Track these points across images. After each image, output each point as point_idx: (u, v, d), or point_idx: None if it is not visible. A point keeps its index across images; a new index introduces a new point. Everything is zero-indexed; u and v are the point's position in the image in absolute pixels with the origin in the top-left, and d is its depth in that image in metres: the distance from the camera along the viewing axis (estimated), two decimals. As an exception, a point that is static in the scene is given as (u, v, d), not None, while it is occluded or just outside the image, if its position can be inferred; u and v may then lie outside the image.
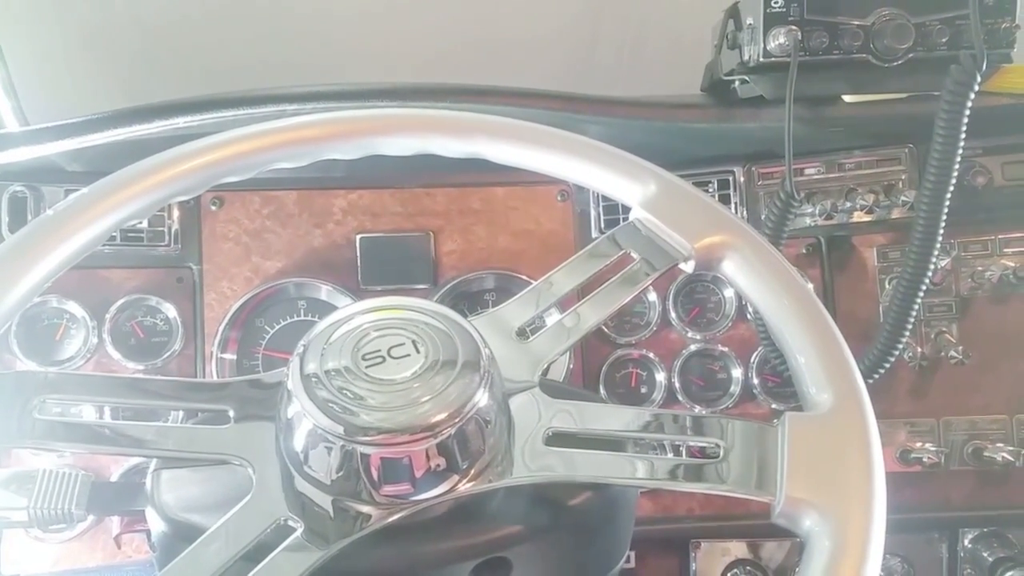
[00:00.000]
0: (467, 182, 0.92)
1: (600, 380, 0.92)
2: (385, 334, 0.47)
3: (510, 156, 0.60)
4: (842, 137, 0.87)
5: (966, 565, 0.91)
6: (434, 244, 0.91)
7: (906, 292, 0.75)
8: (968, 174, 0.85)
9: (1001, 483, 0.88)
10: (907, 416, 0.89)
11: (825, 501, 0.42)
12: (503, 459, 0.47)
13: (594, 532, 0.57)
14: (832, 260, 0.90)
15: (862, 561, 0.41)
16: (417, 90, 0.84)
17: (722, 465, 0.45)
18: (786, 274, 0.53)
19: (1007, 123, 0.85)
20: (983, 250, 0.88)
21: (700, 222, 0.54)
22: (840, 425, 0.45)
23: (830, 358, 0.48)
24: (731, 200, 0.90)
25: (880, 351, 0.77)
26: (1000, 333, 0.88)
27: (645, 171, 0.58)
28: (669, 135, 0.88)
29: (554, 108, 0.87)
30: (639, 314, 0.93)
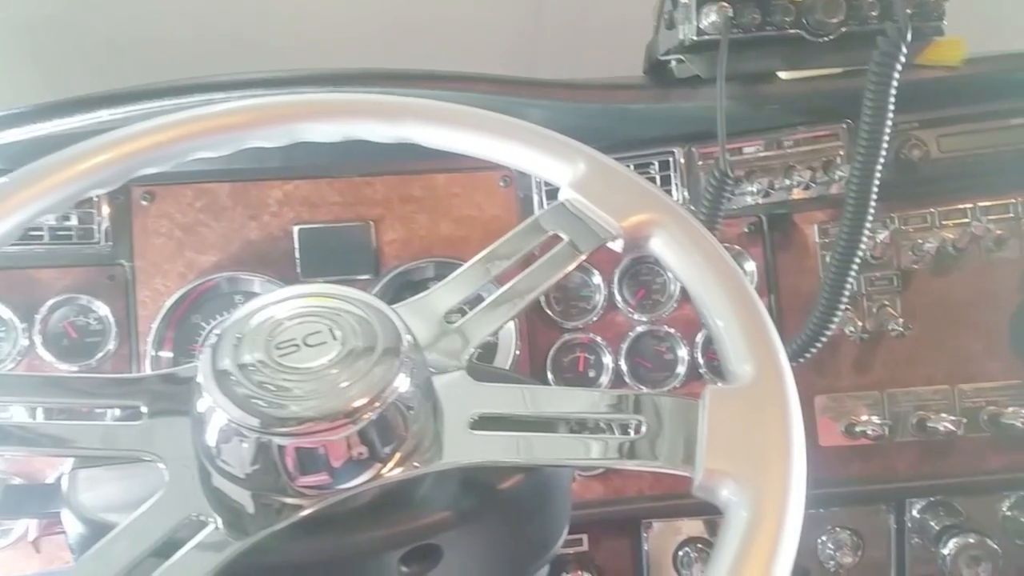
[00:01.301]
0: (407, 169, 0.90)
1: (548, 365, 0.92)
2: (301, 322, 0.46)
3: (439, 139, 0.60)
4: (779, 114, 0.87)
5: (913, 535, 0.93)
6: (375, 233, 0.89)
7: (839, 266, 0.75)
8: (904, 147, 0.85)
9: (945, 453, 0.89)
10: (852, 390, 0.90)
11: (742, 471, 0.42)
12: (430, 445, 0.46)
13: (527, 515, 0.57)
14: (774, 238, 0.91)
15: (779, 530, 0.40)
16: (349, 76, 0.83)
17: (651, 442, 0.45)
18: (711, 249, 0.53)
19: (941, 96, 0.86)
20: (922, 223, 0.89)
21: (627, 201, 0.54)
22: (760, 397, 0.45)
23: (751, 331, 0.48)
24: (672, 181, 0.90)
25: (816, 326, 0.78)
26: (941, 305, 0.89)
27: (574, 151, 0.58)
28: (608, 117, 0.88)
29: (491, 92, 0.86)
30: (585, 298, 0.93)
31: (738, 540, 0.40)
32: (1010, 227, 0.88)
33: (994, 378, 0.89)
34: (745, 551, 0.40)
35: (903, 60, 0.67)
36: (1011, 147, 0.86)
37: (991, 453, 0.89)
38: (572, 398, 0.51)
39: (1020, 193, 0.88)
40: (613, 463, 0.46)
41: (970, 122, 0.86)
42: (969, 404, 0.89)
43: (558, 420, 0.49)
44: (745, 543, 0.40)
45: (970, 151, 0.86)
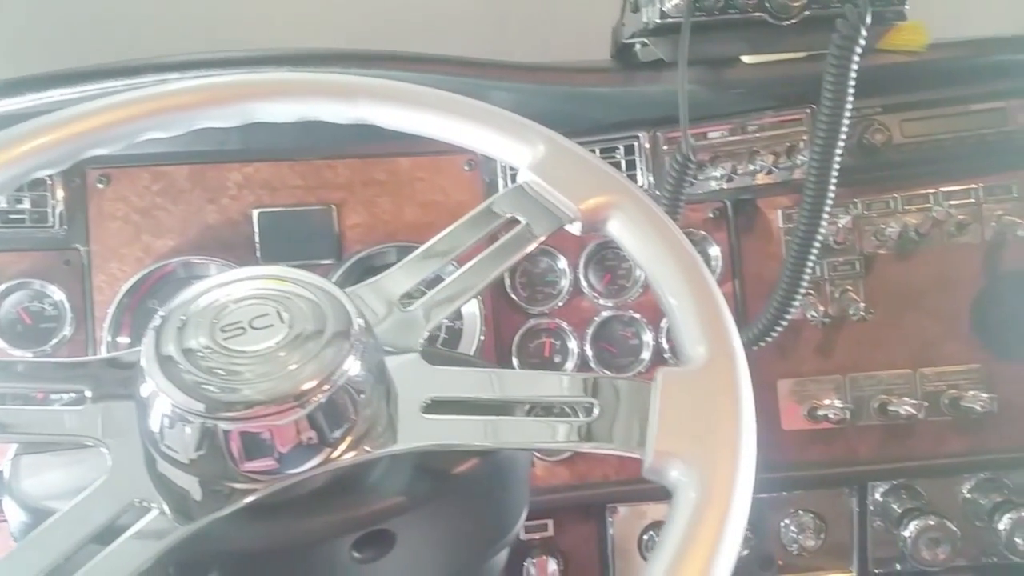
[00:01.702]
0: (370, 153, 0.89)
1: (513, 351, 0.91)
2: (247, 305, 0.45)
3: (397, 120, 0.59)
4: (743, 99, 0.87)
5: (876, 518, 0.94)
6: (337, 218, 0.88)
7: (799, 251, 0.75)
8: (867, 132, 0.86)
9: (907, 436, 0.90)
10: (814, 374, 0.90)
11: (691, 453, 0.42)
12: (383, 429, 0.46)
13: (483, 500, 0.57)
14: (738, 223, 0.91)
15: (726, 510, 0.40)
16: (308, 56, 0.81)
17: (607, 425, 0.45)
18: (668, 232, 0.53)
19: (904, 81, 0.86)
20: (885, 208, 0.89)
21: (585, 183, 0.53)
22: (712, 379, 0.45)
23: (705, 313, 0.48)
24: (637, 166, 0.89)
25: (776, 310, 0.78)
26: (903, 290, 0.90)
27: (534, 133, 0.58)
28: (573, 101, 0.87)
29: (455, 74, 0.85)
30: (551, 283, 0.92)
31: (685, 521, 0.40)
32: (971, 212, 0.88)
33: (955, 362, 0.89)
34: (692, 531, 0.40)
35: (862, 44, 0.67)
36: (973, 132, 0.86)
37: (952, 436, 0.90)
38: (529, 382, 0.50)
39: (982, 178, 0.88)
40: (569, 446, 0.46)
41: (933, 107, 0.87)
42: (930, 388, 0.89)
43: (514, 404, 0.49)
44: (693, 524, 0.40)
45: (932, 136, 0.86)
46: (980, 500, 0.92)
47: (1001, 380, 0.89)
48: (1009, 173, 0.88)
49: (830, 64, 0.69)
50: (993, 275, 0.88)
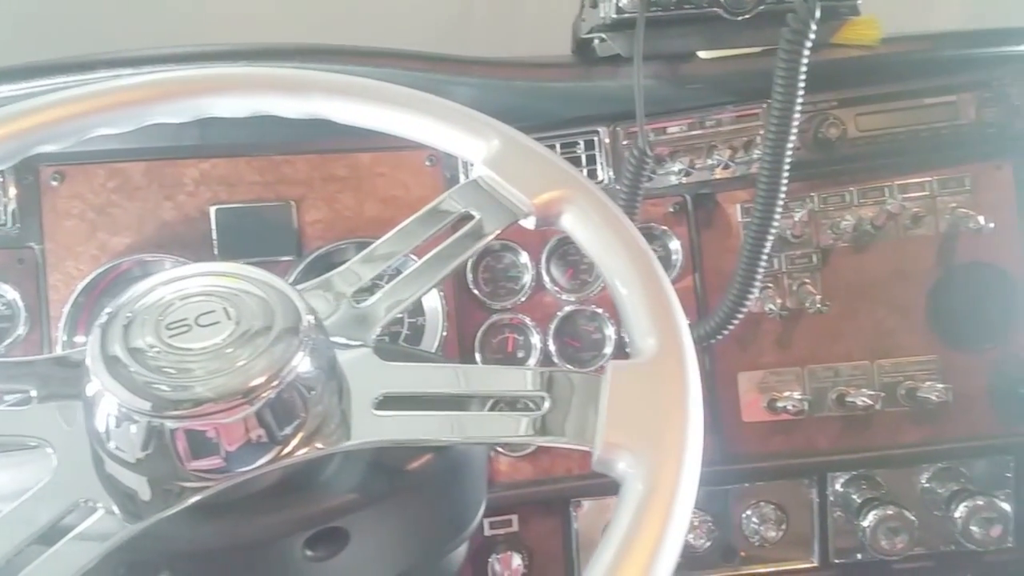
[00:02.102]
0: (329, 148, 0.89)
1: (476, 346, 0.91)
2: (193, 302, 0.45)
3: (350, 115, 0.59)
4: (701, 94, 0.87)
5: (836, 508, 0.95)
6: (296, 214, 0.88)
7: (753, 245, 0.76)
8: (822, 126, 0.86)
9: (864, 427, 0.91)
10: (774, 367, 0.91)
11: (638, 444, 0.42)
12: (336, 426, 0.46)
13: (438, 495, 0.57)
14: (698, 218, 0.91)
15: (672, 501, 0.41)
16: (265, 51, 0.81)
17: (560, 418, 0.45)
18: (620, 226, 0.53)
19: (859, 75, 0.87)
20: (841, 202, 0.90)
21: (539, 178, 0.54)
22: (660, 371, 0.46)
23: (655, 306, 0.49)
24: (597, 160, 0.90)
25: (732, 304, 0.78)
26: (860, 282, 0.91)
27: (488, 128, 0.58)
28: (533, 96, 0.88)
29: (414, 69, 0.85)
30: (513, 279, 0.93)
31: (632, 511, 0.40)
32: (926, 205, 0.89)
33: (911, 353, 0.91)
34: (639, 522, 0.40)
35: (812, 38, 0.68)
36: (927, 126, 0.88)
37: (908, 426, 0.91)
38: (483, 376, 0.50)
39: (936, 172, 0.90)
40: (524, 440, 0.46)
41: (887, 101, 0.88)
42: (887, 379, 0.91)
43: (468, 399, 0.49)
44: (639, 514, 0.40)
45: (887, 130, 0.88)
46: (938, 489, 0.94)
47: (956, 371, 0.90)
48: (962, 166, 0.89)
49: (780, 59, 0.69)
50: (948, 267, 0.90)
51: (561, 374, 0.47)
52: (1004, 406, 0.90)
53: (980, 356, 0.90)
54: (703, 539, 0.93)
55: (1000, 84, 0.88)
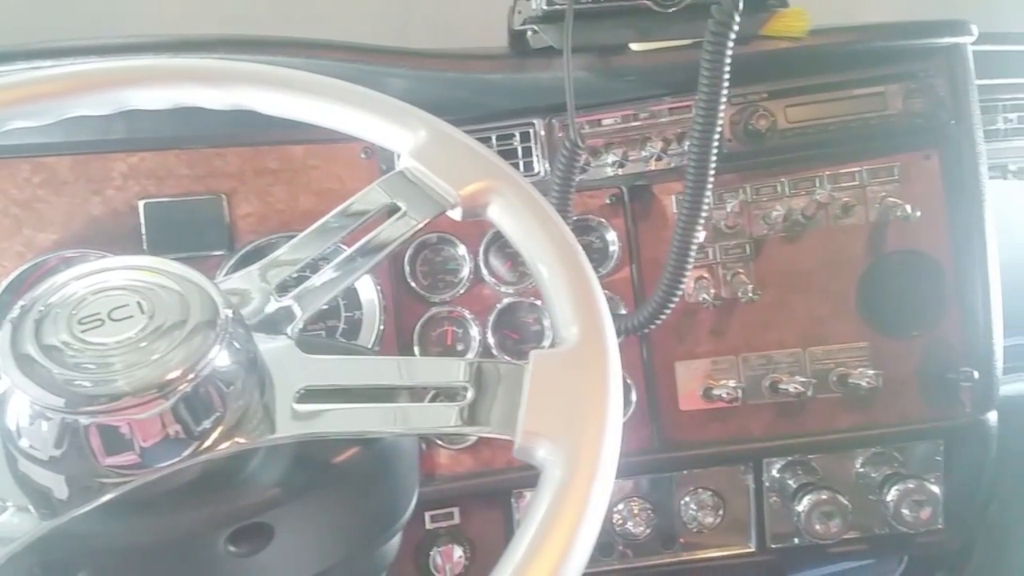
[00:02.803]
0: (261, 140, 0.88)
1: (414, 340, 0.91)
2: (107, 296, 0.45)
3: (276, 106, 0.59)
4: (634, 86, 0.88)
5: (772, 493, 0.96)
6: (228, 207, 0.87)
7: (683, 235, 0.77)
8: (752, 118, 0.87)
9: (798, 413, 0.93)
10: (709, 355, 0.92)
11: (557, 432, 0.43)
12: (258, 420, 0.46)
13: (365, 489, 0.57)
14: (635, 209, 0.92)
15: (589, 488, 0.41)
16: (193, 43, 0.80)
17: (486, 408, 0.45)
18: (545, 217, 0.53)
19: (788, 67, 0.88)
20: (773, 192, 0.91)
21: (466, 169, 0.54)
22: (581, 359, 0.46)
23: (578, 295, 0.49)
24: (533, 152, 0.90)
25: (663, 294, 0.79)
26: (793, 271, 0.92)
27: (414, 119, 0.58)
28: (467, 88, 0.87)
29: (347, 60, 0.85)
30: (452, 271, 0.92)
31: (549, 498, 0.41)
32: (856, 195, 0.91)
33: (842, 340, 0.92)
34: (556, 508, 0.40)
35: (735, 31, 0.68)
36: (856, 117, 0.89)
37: (841, 412, 0.93)
38: (409, 368, 0.50)
39: (865, 161, 0.91)
40: (449, 430, 0.46)
41: (816, 92, 0.89)
42: (819, 366, 0.92)
43: (393, 390, 0.49)
44: (557, 501, 0.41)
45: (816, 121, 0.89)
46: (872, 474, 0.95)
47: (886, 357, 0.92)
48: (891, 156, 0.91)
49: (705, 51, 0.70)
50: (877, 255, 0.91)
51: (490, 364, 0.47)
52: (933, 391, 0.93)
53: (910, 343, 0.92)
54: (642, 526, 0.94)
55: (926, 75, 0.89)
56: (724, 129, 0.88)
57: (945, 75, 0.90)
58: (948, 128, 0.90)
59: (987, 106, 1.03)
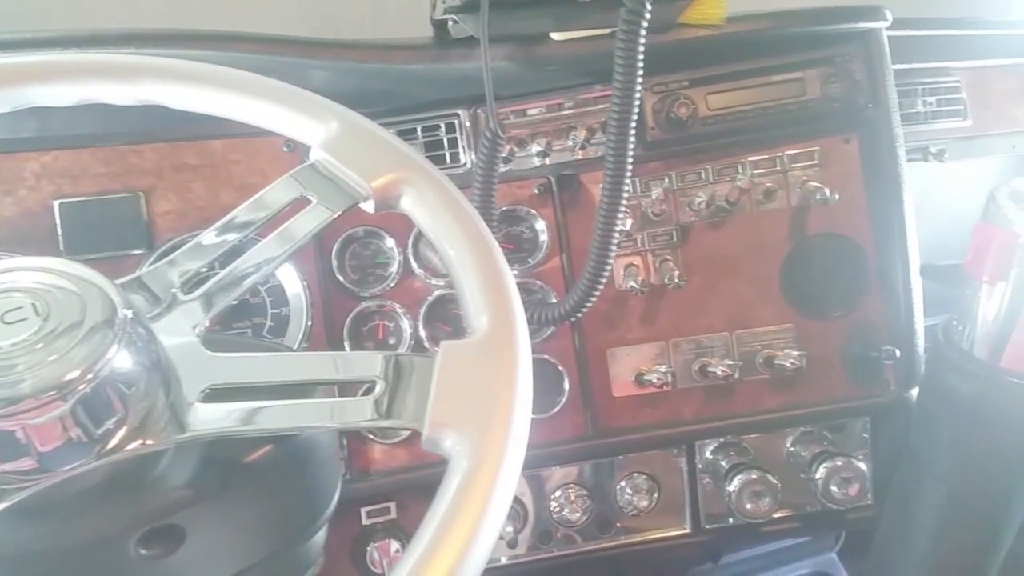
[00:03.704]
0: (180, 135, 0.86)
1: (344, 335, 0.90)
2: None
3: (183, 100, 0.58)
4: (557, 75, 0.88)
5: (705, 475, 0.98)
6: (146, 205, 0.85)
7: (604, 224, 0.77)
8: (674, 106, 0.88)
9: (726, 395, 0.94)
10: (640, 342, 0.93)
11: (464, 421, 0.43)
12: (165, 421, 0.45)
13: (281, 486, 0.56)
14: (563, 199, 0.92)
15: (495, 477, 0.42)
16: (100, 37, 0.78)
17: (400, 400, 0.45)
18: (457, 207, 0.53)
19: (707, 54, 0.89)
20: (698, 179, 0.92)
21: (377, 160, 0.54)
22: (490, 348, 0.46)
23: (489, 284, 0.49)
24: (459, 144, 0.89)
25: (587, 282, 0.80)
26: (719, 256, 0.93)
27: (325, 110, 0.58)
28: (389, 79, 0.87)
29: (266, 52, 0.83)
30: (381, 265, 0.92)
31: (455, 488, 0.41)
32: (778, 180, 0.92)
33: (768, 323, 0.94)
34: (462, 498, 0.41)
35: (648, 19, 0.69)
36: (775, 103, 0.90)
37: (768, 393, 0.95)
38: (320, 363, 0.50)
39: (786, 147, 0.92)
40: (362, 424, 0.46)
41: (735, 79, 0.90)
42: (746, 349, 0.94)
43: (302, 386, 0.48)
44: (462, 490, 0.41)
45: (737, 108, 0.90)
46: (802, 452, 0.98)
47: (811, 338, 0.94)
48: (811, 141, 0.92)
49: (619, 40, 0.70)
50: (800, 239, 0.93)
51: (405, 357, 0.47)
52: (857, 370, 0.95)
53: (832, 323, 0.94)
54: (579, 513, 0.95)
55: (843, 60, 0.91)
56: (647, 117, 0.89)
57: (861, 60, 0.91)
58: (866, 112, 0.92)
59: (907, 90, 1.06)
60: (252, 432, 0.47)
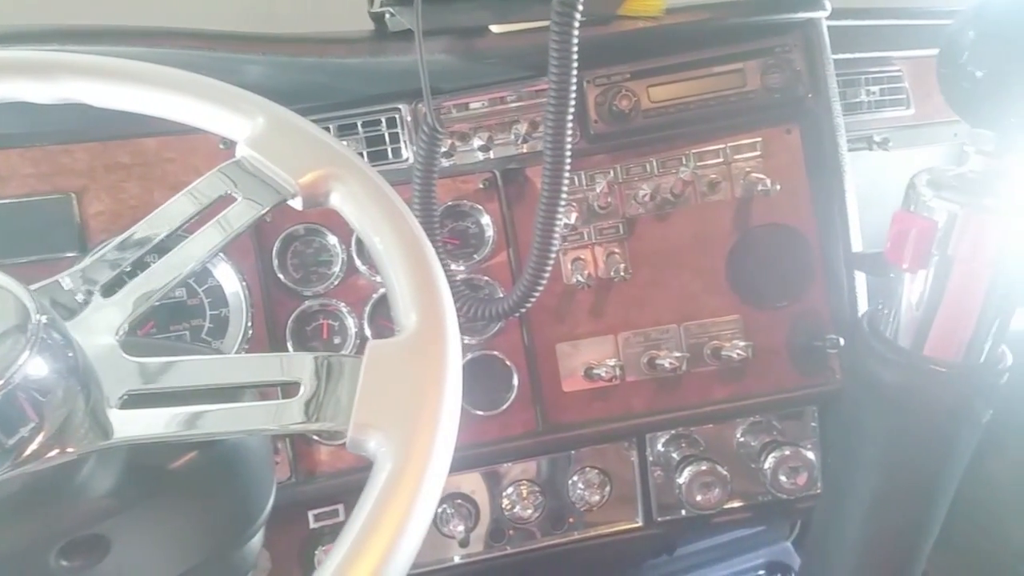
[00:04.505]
0: (112, 134, 0.84)
1: (287, 335, 0.89)
2: None
3: (104, 97, 0.56)
4: (497, 68, 0.87)
5: (656, 468, 0.98)
6: (78, 206, 0.83)
7: (545, 218, 0.76)
8: (616, 99, 0.88)
9: (675, 387, 0.94)
10: (589, 336, 0.93)
11: (389, 422, 0.42)
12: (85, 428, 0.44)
13: (209, 492, 0.55)
14: (508, 193, 0.91)
15: (419, 479, 0.41)
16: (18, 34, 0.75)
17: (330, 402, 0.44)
18: (387, 203, 0.53)
19: (647, 47, 0.89)
20: (642, 172, 0.92)
21: (305, 157, 0.53)
22: (418, 346, 0.45)
23: (418, 282, 0.48)
24: (400, 138, 0.88)
25: (530, 277, 0.79)
26: (665, 249, 0.93)
27: (252, 106, 0.56)
28: (326, 73, 0.85)
29: (193, 48, 0.82)
30: (324, 263, 0.90)
31: (378, 489, 0.40)
32: (721, 171, 0.92)
33: (715, 314, 0.94)
34: (385, 500, 0.40)
35: (580, 11, 0.68)
36: (716, 94, 0.90)
37: (717, 384, 0.95)
38: (247, 366, 0.49)
39: (729, 138, 0.92)
40: (287, 429, 0.45)
41: (676, 72, 0.90)
42: (694, 340, 0.94)
43: (235, 389, 0.47)
44: (385, 492, 0.40)
45: (679, 100, 0.90)
46: (751, 442, 0.98)
47: (757, 328, 0.94)
48: (753, 131, 0.93)
49: (552, 32, 0.70)
50: (744, 230, 0.93)
51: (335, 358, 0.46)
52: (803, 359, 0.95)
53: (778, 313, 0.95)
54: (531, 509, 0.94)
55: (783, 51, 0.91)
56: (589, 110, 0.89)
57: (801, 50, 0.92)
58: (806, 102, 0.92)
59: (851, 79, 1.07)
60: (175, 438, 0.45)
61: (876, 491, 0.71)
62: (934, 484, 0.69)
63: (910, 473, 0.69)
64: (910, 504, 0.70)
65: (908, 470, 0.69)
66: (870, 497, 0.71)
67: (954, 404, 0.68)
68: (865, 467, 0.71)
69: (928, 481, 0.69)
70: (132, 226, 0.84)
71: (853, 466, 0.72)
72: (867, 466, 0.70)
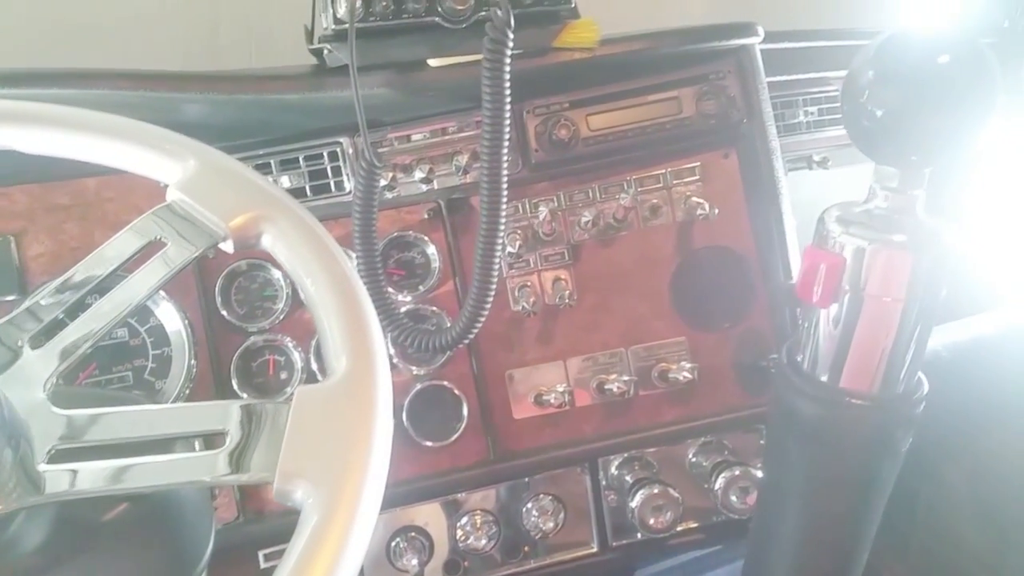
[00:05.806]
0: (50, 176, 0.83)
1: (232, 373, 0.88)
2: None
3: (32, 143, 0.56)
4: (437, 101, 0.88)
5: (610, 491, 0.98)
6: (16, 249, 0.82)
7: (484, 248, 0.77)
8: (555, 128, 0.89)
9: (625, 411, 0.95)
10: (538, 362, 0.93)
11: (316, 471, 0.42)
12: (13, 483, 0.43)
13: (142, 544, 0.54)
14: (453, 222, 0.92)
15: (347, 530, 0.40)
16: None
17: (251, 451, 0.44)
18: (319, 244, 0.53)
19: (584, 77, 0.91)
20: (585, 198, 0.93)
21: (235, 199, 0.53)
22: (347, 391, 0.45)
23: (347, 323, 0.48)
24: (342, 172, 0.89)
25: (472, 308, 0.79)
26: (610, 273, 0.94)
27: (183, 148, 0.56)
28: (266, 109, 0.85)
29: (129, 88, 0.81)
30: (269, 298, 0.90)
31: (304, 541, 0.40)
32: (662, 196, 0.94)
33: (661, 337, 0.95)
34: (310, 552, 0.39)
35: (510, 45, 0.69)
36: (652, 122, 0.92)
37: (665, 406, 0.96)
38: (174, 417, 0.48)
39: (668, 164, 0.94)
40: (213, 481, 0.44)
41: (614, 100, 0.91)
42: (641, 363, 0.95)
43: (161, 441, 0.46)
44: (311, 544, 0.39)
45: (617, 128, 0.91)
46: (703, 463, 0.98)
47: (702, 350, 0.96)
48: (691, 156, 0.94)
49: (484, 67, 0.71)
50: (686, 253, 0.95)
51: (259, 404, 0.45)
52: (749, 379, 0.97)
53: (722, 334, 0.96)
54: (486, 540, 0.94)
55: (717, 77, 0.94)
56: (530, 140, 0.90)
57: (735, 76, 0.94)
58: (742, 127, 0.95)
59: (789, 101, 1.10)
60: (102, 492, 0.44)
61: (802, 522, 0.71)
62: (859, 513, 0.69)
63: (833, 503, 0.69)
64: (835, 531, 0.70)
65: (831, 500, 0.69)
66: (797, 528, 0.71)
67: (873, 436, 0.68)
68: (791, 495, 0.71)
69: (852, 511, 0.69)
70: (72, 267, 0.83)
71: (780, 492, 0.73)
72: (792, 494, 0.71)
